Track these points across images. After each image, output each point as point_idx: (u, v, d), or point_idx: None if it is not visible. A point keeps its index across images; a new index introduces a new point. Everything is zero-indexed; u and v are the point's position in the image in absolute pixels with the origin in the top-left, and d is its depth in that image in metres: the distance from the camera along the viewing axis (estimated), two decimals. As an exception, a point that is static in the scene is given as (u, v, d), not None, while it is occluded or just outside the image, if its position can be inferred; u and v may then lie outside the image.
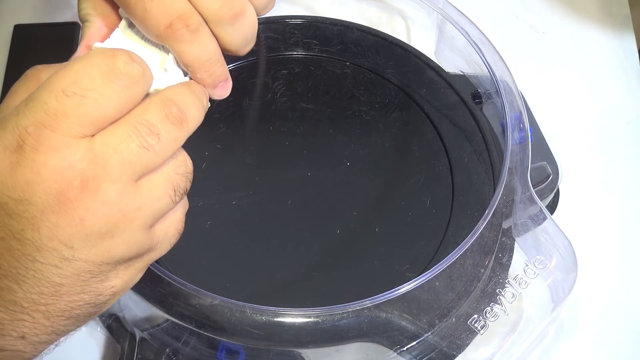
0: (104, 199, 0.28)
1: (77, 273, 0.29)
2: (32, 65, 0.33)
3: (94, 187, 0.27)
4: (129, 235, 0.29)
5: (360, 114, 0.52)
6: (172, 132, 0.30)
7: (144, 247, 0.31)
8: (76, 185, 0.27)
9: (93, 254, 0.29)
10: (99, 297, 0.30)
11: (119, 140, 0.28)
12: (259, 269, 0.45)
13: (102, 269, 0.29)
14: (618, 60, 0.64)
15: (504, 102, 0.48)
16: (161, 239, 0.32)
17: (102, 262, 0.29)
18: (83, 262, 0.28)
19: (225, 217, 0.47)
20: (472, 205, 0.47)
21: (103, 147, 0.28)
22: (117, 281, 0.31)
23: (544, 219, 0.45)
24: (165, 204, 0.31)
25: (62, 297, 0.29)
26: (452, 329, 0.43)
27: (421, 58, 0.55)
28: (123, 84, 0.28)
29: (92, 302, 0.30)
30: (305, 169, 0.49)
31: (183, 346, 0.43)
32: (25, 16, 0.66)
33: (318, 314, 0.41)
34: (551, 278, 0.44)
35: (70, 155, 0.27)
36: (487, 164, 0.49)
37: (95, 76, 0.28)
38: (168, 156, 0.30)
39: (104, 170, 0.28)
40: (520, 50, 0.65)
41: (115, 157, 0.28)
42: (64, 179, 0.27)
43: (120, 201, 0.28)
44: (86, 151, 0.27)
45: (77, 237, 0.28)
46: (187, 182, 0.32)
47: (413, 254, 0.46)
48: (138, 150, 0.29)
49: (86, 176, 0.27)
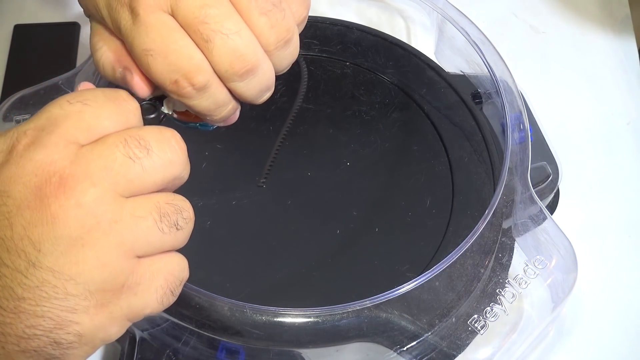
0: (79, 200, 0.27)
1: (41, 284, 0.26)
2: (32, 65, 0.33)
3: (71, 186, 0.27)
4: (102, 251, 0.27)
5: (360, 114, 0.52)
6: (166, 152, 0.29)
7: (119, 275, 0.28)
8: (54, 181, 0.27)
9: (61, 263, 0.26)
10: (60, 331, 0.27)
11: (105, 147, 0.28)
12: (259, 269, 0.45)
13: (67, 289, 0.27)
14: (618, 60, 0.64)
15: (504, 102, 0.48)
16: (145, 280, 0.29)
17: (69, 277, 0.27)
18: (48, 272, 0.26)
19: (225, 217, 0.47)
20: (472, 205, 0.47)
21: (87, 151, 0.28)
22: (84, 319, 0.27)
23: (544, 219, 0.45)
24: (148, 227, 0.28)
25: (21, 316, 0.26)
26: (452, 329, 0.43)
27: (421, 58, 0.55)
28: (123, 106, 0.29)
29: (51, 338, 0.27)
30: (305, 169, 0.49)
31: (183, 346, 0.43)
32: (25, 16, 0.66)
33: (318, 314, 0.41)
34: (551, 278, 0.44)
35: (55, 153, 0.27)
36: (487, 164, 0.49)
37: (99, 94, 0.29)
38: (159, 178, 0.29)
39: (84, 172, 0.27)
40: (520, 50, 0.65)
41: (98, 161, 0.28)
42: (44, 173, 0.27)
43: (95, 207, 0.27)
44: (71, 152, 0.27)
45: (47, 237, 0.26)
46: (179, 217, 0.29)
47: (413, 254, 0.46)
48: (122, 158, 0.28)
49: (65, 174, 0.27)
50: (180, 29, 0.31)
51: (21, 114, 0.49)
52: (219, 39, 0.30)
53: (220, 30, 0.30)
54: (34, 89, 0.50)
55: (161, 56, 0.31)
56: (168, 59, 0.31)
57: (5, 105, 0.49)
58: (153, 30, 0.30)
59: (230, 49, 0.31)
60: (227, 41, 0.30)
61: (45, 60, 0.62)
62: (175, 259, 0.30)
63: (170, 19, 0.31)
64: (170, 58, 0.31)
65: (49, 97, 0.50)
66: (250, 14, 0.31)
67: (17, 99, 0.49)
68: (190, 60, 0.31)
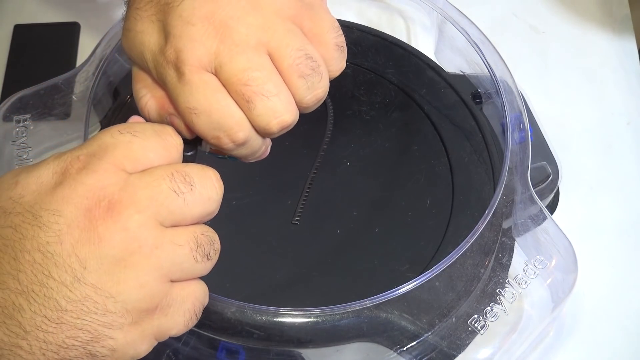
0: (125, 225, 0.29)
1: (83, 299, 0.28)
2: (32, 65, 0.34)
3: (118, 211, 0.29)
4: (142, 272, 0.29)
5: (360, 114, 0.52)
6: (207, 189, 0.31)
7: (155, 297, 0.30)
8: (103, 205, 0.29)
9: (103, 280, 0.28)
10: (96, 344, 0.29)
11: (152, 179, 0.30)
12: (259, 269, 0.45)
13: (107, 306, 0.29)
14: (618, 60, 0.64)
15: (504, 102, 0.48)
16: (176, 303, 0.31)
17: (110, 295, 0.29)
18: (91, 288, 0.28)
19: (225, 217, 0.47)
20: (472, 205, 0.47)
21: (136, 180, 0.30)
22: (119, 335, 0.29)
23: (544, 219, 0.45)
24: (185, 254, 0.30)
25: (63, 327, 0.28)
26: (452, 329, 0.43)
27: (421, 58, 0.55)
28: (168, 141, 0.32)
29: (87, 350, 0.29)
30: (305, 169, 0.49)
31: (183, 346, 0.43)
32: (25, 16, 0.66)
33: (318, 314, 0.41)
34: (551, 278, 0.44)
35: (105, 179, 0.29)
36: (487, 164, 0.49)
37: (147, 128, 0.32)
38: (197, 212, 0.31)
39: (130, 199, 0.29)
40: (520, 50, 0.65)
41: (145, 190, 0.30)
42: (95, 197, 0.29)
43: (139, 232, 0.29)
44: (121, 179, 0.30)
45: (92, 256, 0.28)
46: (211, 248, 0.32)
47: (413, 254, 0.46)
48: (168, 191, 0.30)
49: (114, 199, 0.29)
50: (222, 89, 0.32)
51: (21, 114, 0.49)
52: (259, 100, 0.32)
53: (261, 92, 0.32)
54: (34, 89, 0.50)
55: (204, 114, 0.32)
56: (211, 118, 0.32)
57: (5, 105, 0.49)
58: (197, 90, 0.32)
59: (269, 109, 0.32)
60: (267, 102, 0.32)
61: (45, 60, 0.62)
62: (201, 286, 0.33)
63: (213, 78, 0.32)
64: (213, 117, 0.32)
65: (49, 97, 0.50)
66: (290, 76, 0.33)
67: (17, 99, 0.50)
68: (232, 118, 0.32)
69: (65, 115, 0.50)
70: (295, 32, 0.33)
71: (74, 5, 0.67)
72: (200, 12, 0.32)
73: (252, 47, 0.32)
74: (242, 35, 0.32)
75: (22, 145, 0.48)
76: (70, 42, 0.64)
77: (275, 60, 0.33)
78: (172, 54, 0.32)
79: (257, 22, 0.32)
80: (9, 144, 0.48)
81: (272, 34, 0.32)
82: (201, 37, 0.32)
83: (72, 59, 0.63)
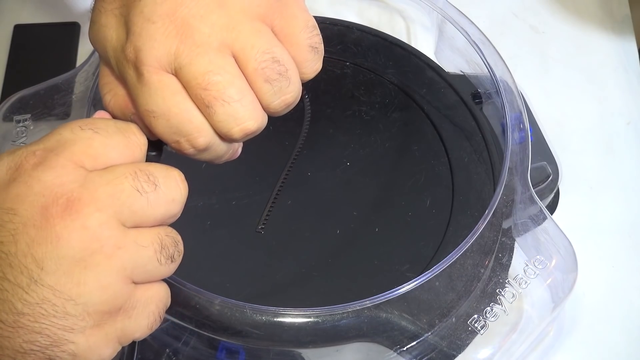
0: (85, 223, 0.27)
1: (41, 302, 0.27)
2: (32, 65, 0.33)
3: (78, 209, 0.27)
4: (104, 274, 0.28)
5: (360, 114, 0.52)
6: (171, 190, 0.30)
7: (118, 299, 0.28)
8: (61, 202, 0.27)
9: (62, 282, 0.27)
10: (55, 349, 0.27)
11: (114, 176, 0.29)
12: (259, 269, 0.45)
13: (67, 309, 0.27)
14: (618, 60, 0.64)
15: (504, 102, 0.48)
16: (140, 305, 0.30)
17: (69, 297, 0.27)
18: (49, 290, 0.27)
19: (225, 217, 0.47)
20: (472, 205, 0.47)
21: (96, 177, 0.28)
22: (80, 339, 0.28)
23: (544, 219, 0.45)
24: (149, 256, 0.29)
25: (20, 331, 0.27)
26: (452, 329, 0.43)
27: (421, 58, 0.55)
28: (131, 139, 0.31)
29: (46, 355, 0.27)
30: (305, 169, 0.49)
31: (183, 346, 0.43)
32: (25, 16, 0.66)
33: (318, 314, 0.41)
34: (551, 278, 0.44)
35: (63, 175, 0.28)
36: (487, 164, 0.49)
37: (111, 125, 0.31)
38: (160, 214, 0.30)
39: (91, 196, 0.28)
40: (520, 50, 0.65)
41: (105, 188, 0.28)
42: (52, 194, 0.27)
43: (100, 231, 0.28)
44: (80, 176, 0.28)
45: (50, 256, 0.27)
46: (175, 250, 0.30)
47: (413, 254, 0.46)
48: (130, 190, 0.29)
49: (72, 196, 0.27)
50: (182, 92, 0.31)
51: (21, 114, 0.49)
52: (220, 106, 0.30)
53: (222, 97, 0.30)
54: (34, 89, 0.50)
55: (163, 118, 0.31)
56: (169, 122, 0.31)
57: (5, 105, 0.49)
58: (155, 92, 0.30)
59: (230, 115, 0.31)
60: (227, 108, 0.30)
61: (45, 60, 0.62)
62: (164, 288, 0.31)
63: (173, 80, 0.31)
64: (172, 121, 0.31)
65: (49, 97, 0.50)
66: (255, 80, 0.31)
67: (17, 99, 0.49)
68: (191, 124, 0.31)
69: (65, 116, 0.50)
70: (263, 33, 0.31)
71: (74, 5, 0.67)
72: (162, 9, 0.30)
73: (214, 48, 0.30)
74: (204, 36, 0.30)
75: (22, 145, 0.48)
76: (70, 42, 0.64)
77: (240, 63, 0.31)
78: (131, 52, 0.30)
79: (221, 21, 0.30)
80: (9, 144, 0.48)
81: (237, 35, 0.30)
82: (161, 36, 0.30)
83: (72, 59, 0.63)
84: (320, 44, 0.33)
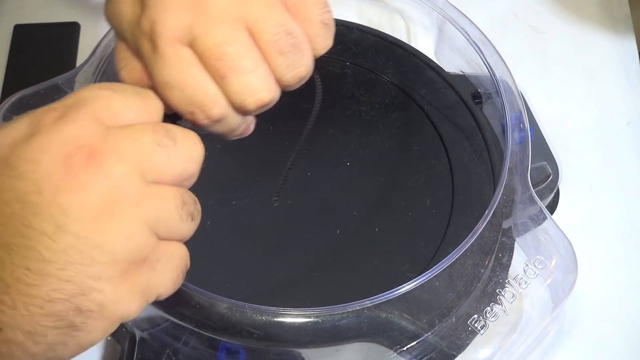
0: (108, 173, 0.28)
1: (67, 248, 0.27)
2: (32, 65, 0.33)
3: (100, 159, 0.28)
4: (129, 222, 0.28)
5: (360, 114, 0.52)
6: (189, 147, 0.30)
7: (143, 249, 0.29)
8: (84, 152, 0.28)
9: (88, 230, 0.27)
10: (82, 298, 0.27)
11: (134, 130, 0.29)
12: (259, 269, 0.45)
13: (93, 256, 0.27)
14: (618, 60, 0.64)
15: (504, 102, 0.48)
16: (163, 259, 0.30)
17: (96, 244, 0.27)
18: (75, 237, 0.27)
19: (225, 217, 0.47)
20: (472, 205, 0.47)
21: (117, 131, 0.29)
22: (107, 288, 0.28)
23: (544, 219, 0.45)
24: (171, 209, 0.29)
25: (46, 279, 0.27)
26: (452, 329, 0.43)
27: (421, 58, 0.55)
28: (149, 102, 0.31)
29: (74, 303, 0.27)
30: (305, 169, 0.49)
31: (183, 346, 0.43)
32: (25, 16, 0.66)
33: (318, 314, 0.41)
34: (551, 278, 0.44)
35: (85, 127, 0.28)
36: (487, 164, 0.49)
37: (128, 88, 0.31)
38: (179, 171, 0.30)
39: (112, 148, 0.28)
40: (520, 50, 0.65)
41: (126, 140, 0.28)
42: (74, 144, 0.28)
43: (123, 181, 0.28)
44: (102, 128, 0.28)
45: (74, 204, 0.27)
46: (195, 208, 0.31)
47: (413, 254, 0.46)
48: (151, 143, 0.29)
49: (95, 147, 0.28)
50: (197, 63, 0.31)
51: (21, 114, 0.49)
52: (234, 76, 0.31)
53: (236, 68, 0.31)
54: (34, 89, 0.50)
55: (178, 89, 0.31)
56: (184, 93, 0.31)
57: (5, 105, 0.49)
58: (170, 64, 0.31)
59: (245, 86, 0.31)
60: (242, 79, 0.31)
61: (45, 60, 0.62)
62: (184, 248, 0.32)
63: (188, 52, 0.31)
64: (187, 92, 0.31)
65: (49, 97, 0.50)
66: (269, 52, 0.31)
67: (17, 99, 0.49)
68: (206, 94, 0.31)
69: (65, 115, 0.50)
70: (276, 7, 0.32)
71: (74, 5, 0.67)
72: None
73: (228, 20, 0.31)
74: (218, 9, 0.31)
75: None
76: (70, 42, 0.64)
77: (254, 36, 0.31)
78: (146, 25, 0.31)
79: None
80: (9, 144, 0.48)
81: (250, 8, 0.31)
82: (176, 9, 0.31)
83: (72, 59, 0.63)
84: (331, 20, 0.34)
